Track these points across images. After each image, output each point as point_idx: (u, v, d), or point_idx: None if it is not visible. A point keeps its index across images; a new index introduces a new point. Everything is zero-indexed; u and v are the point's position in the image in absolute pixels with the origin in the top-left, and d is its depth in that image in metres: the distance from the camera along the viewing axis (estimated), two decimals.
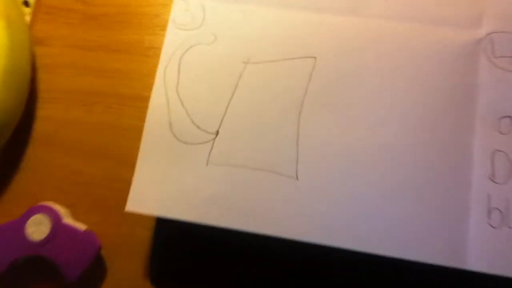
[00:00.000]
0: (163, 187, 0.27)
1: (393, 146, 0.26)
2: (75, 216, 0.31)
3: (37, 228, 0.29)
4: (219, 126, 0.28)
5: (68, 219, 0.30)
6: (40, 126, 0.33)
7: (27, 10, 0.35)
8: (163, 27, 0.30)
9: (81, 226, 0.29)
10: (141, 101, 0.31)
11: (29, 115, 0.33)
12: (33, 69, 0.34)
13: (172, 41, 0.29)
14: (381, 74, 0.27)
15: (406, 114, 0.27)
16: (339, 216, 0.25)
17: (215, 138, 0.28)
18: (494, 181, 0.25)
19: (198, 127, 0.28)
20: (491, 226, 0.25)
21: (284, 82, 0.28)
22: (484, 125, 0.26)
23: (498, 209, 0.25)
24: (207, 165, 0.27)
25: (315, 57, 0.28)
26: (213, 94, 0.28)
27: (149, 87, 0.29)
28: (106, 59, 0.33)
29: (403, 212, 0.25)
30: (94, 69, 0.33)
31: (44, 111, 0.33)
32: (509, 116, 0.26)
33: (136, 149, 0.28)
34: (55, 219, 0.29)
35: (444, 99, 0.27)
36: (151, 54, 0.33)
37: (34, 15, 0.35)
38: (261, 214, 0.26)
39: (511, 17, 0.28)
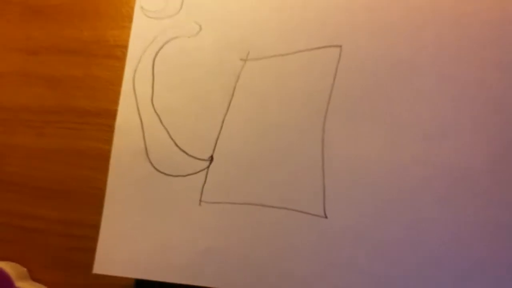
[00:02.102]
0: (140, 240, 0.19)
1: (456, 169, 0.19)
2: (34, 276, 0.23)
3: None
4: (213, 150, 0.20)
5: (22, 283, 0.22)
6: None
7: None
8: (132, 18, 0.22)
9: None
10: (106, 118, 0.23)
11: None
12: None
13: (141, 35, 0.21)
14: (438, 64, 0.20)
15: (482, 123, 0.19)
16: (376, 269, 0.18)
17: (208, 167, 0.20)
18: None
19: (185, 152, 0.20)
20: None
21: (298, 84, 0.20)
22: None
23: None
24: (199, 204, 0.20)
25: (340, 46, 0.21)
26: (202, 106, 0.21)
27: (116, 98, 0.21)
28: (57, 64, 0.25)
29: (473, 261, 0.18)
30: (43, 77, 0.25)
31: None
32: None
33: (103, 181, 0.20)
34: (5, 285, 0.22)
35: None
36: (118, 54, 0.25)
37: None
38: (277, 269, 0.19)
39: None
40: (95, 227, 0.21)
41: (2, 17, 0.26)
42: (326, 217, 0.19)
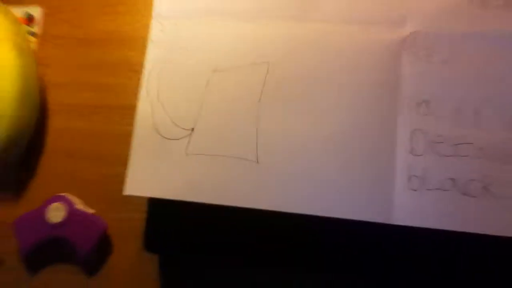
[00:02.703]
0: (152, 174, 0.33)
1: (335, 129, 0.32)
2: (85, 203, 0.38)
3: (55, 214, 0.36)
4: (194, 124, 0.34)
5: (79, 206, 0.37)
6: (51, 136, 0.40)
7: (33, 39, 0.42)
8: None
9: (90, 211, 0.36)
10: (130, 109, 0.37)
11: (42, 126, 0.40)
12: (41, 88, 0.41)
13: (151, 58, 0.35)
14: (326, 72, 0.33)
15: (346, 105, 0.33)
16: (288, 187, 0.32)
17: (191, 134, 0.34)
18: (413, 154, 0.31)
19: (177, 125, 0.34)
20: (412, 189, 0.31)
21: (245, 85, 0.34)
22: (406, 109, 0.32)
23: (416, 176, 0.31)
24: (186, 155, 0.34)
25: (268, 62, 0.34)
26: (188, 99, 0.35)
27: (135, 97, 0.35)
28: (100, 76, 0.40)
29: (343, 180, 0.31)
30: (91, 84, 0.40)
31: (53, 122, 0.40)
32: (426, 101, 0.32)
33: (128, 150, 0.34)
34: (69, 206, 0.36)
35: (375, 89, 0.32)
36: (137, 69, 0.39)
37: (39, 43, 0.42)
38: (230, 190, 0.32)
39: (430, 17, 0.33)
40: (124, 176, 0.35)
41: (65, 46, 0.41)
42: (258, 162, 0.33)
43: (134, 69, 0.39)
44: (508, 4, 0.33)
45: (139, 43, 0.40)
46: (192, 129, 0.34)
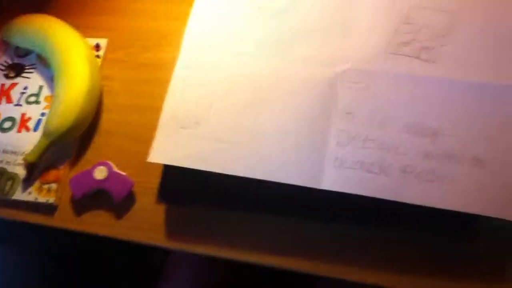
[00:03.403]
0: (168, 150, 0.50)
1: (291, 127, 0.49)
2: (119, 168, 0.55)
3: (99, 173, 0.53)
4: (202, 118, 0.51)
5: (116, 169, 0.54)
6: (103, 123, 0.58)
7: (99, 60, 0.62)
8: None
9: (123, 173, 0.53)
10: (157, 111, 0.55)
11: (98, 117, 0.58)
12: (102, 92, 0.60)
13: (178, 75, 0.54)
14: (285, 94, 0.51)
15: (298, 115, 0.50)
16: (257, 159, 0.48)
17: (199, 125, 0.51)
18: (339, 145, 0.48)
19: (190, 119, 0.52)
20: (335, 166, 0.47)
21: (242, 97, 0.52)
22: (337, 118, 0.49)
23: (339, 158, 0.47)
24: (195, 138, 0.50)
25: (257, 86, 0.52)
26: (198, 102, 0.52)
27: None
28: (145, 88, 0.59)
29: (291, 160, 0.47)
30: (140, 93, 0.59)
31: (106, 115, 0.59)
32: (350, 112, 0.49)
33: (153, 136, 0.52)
34: (109, 168, 0.53)
35: (319, 104, 0.50)
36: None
37: (102, 63, 0.62)
38: (222, 162, 0.49)
39: (358, 59, 0.51)
40: (147, 153, 0.52)
41: (122, 66, 0.61)
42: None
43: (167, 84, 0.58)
44: (411, 55, 0.50)
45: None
46: (199, 123, 0.52)
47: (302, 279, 0.63)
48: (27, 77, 0.63)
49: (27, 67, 0.64)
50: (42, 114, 0.59)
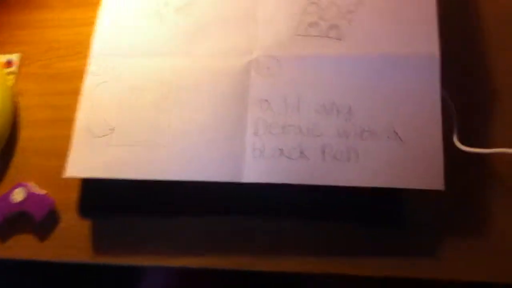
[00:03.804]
0: (85, 162, 0.48)
1: (207, 119, 0.48)
2: (41, 186, 0.52)
3: (17, 195, 0.50)
4: (115, 125, 0.49)
5: (35, 189, 0.51)
6: (20, 142, 0.55)
7: (11, 77, 0.59)
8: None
9: (42, 192, 0.51)
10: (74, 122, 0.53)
11: (14, 135, 0.56)
12: (16, 109, 0.57)
13: (89, 83, 0.52)
14: (201, 85, 0.49)
15: (213, 105, 0.48)
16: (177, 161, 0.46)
17: (112, 132, 0.49)
18: (257, 135, 0.46)
19: (103, 127, 0.49)
20: (255, 157, 0.45)
21: (151, 97, 0.50)
22: (253, 106, 0.47)
23: (258, 149, 0.46)
24: (110, 146, 0.48)
25: (168, 82, 0.50)
26: (111, 108, 0.50)
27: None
28: (60, 99, 0.56)
29: (208, 154, 0.46)
30: (56, 105, 0.56)
31: (22, 132, 0.56)
32: (266, 100, 0.47)
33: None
34: (27, 189, 0.51)
35: (233, 94, 0.48)
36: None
37: (17, 78, 0.59)
38: (141, 168, 0.47)
39: (269, 46, 0.50)
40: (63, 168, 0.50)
41: (35, 80, 0.58)
42: (165, 146, 0.48)
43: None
44: (320, 35, 0.49)
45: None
46: (113, 129, 0.49)
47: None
48: None
49: None
50: None
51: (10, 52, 0.61)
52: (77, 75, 0.56)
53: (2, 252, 0.51)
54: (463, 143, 0.46)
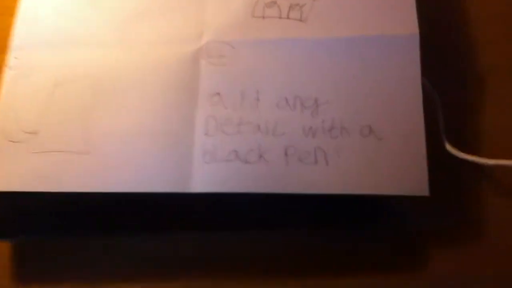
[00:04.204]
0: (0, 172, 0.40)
1: (146, 120, 0.39)
2: None
3: None
4: (37, 128, 0.41)
5: None
6: None
7: None
8: None
9: None
10: None
11: None
12: None
13: (8, 79, 0.43)
14: (140, 79, 0.41)
15: (155, 101, 0.40)
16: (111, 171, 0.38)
17: (34, 136, 0.41)
18: (207, 135, 0.39)
19: (23, 130, 0.41)
20: (206, 162, 0.38)
21: (78, 95, 0.42)
22: (202, 101, 0.40)
23: (209, 152, 0.38)
24: (30, 154, 0.40)
25: (98, 77, 0.42)
26: (34, 108, 0.42)
27: None
28: None
29: (150, 161, 0.38)
30: None
31: None
32: (217, 93, 0.40)
33: None
34: None
35: (179, 87, 0.40)
36: None
37: None
38: (65, 179, 0.39)
39: (221, 30, 0.42)
40: None
41: None
42: (88, 153, 0.39)
43: None
44: (280, 16, 0.42)
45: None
46: (35, 132, 0.41)
47: None
48: None
49: None
50: None
51: None
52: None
53: None
54: (449, 140, 0.40)
